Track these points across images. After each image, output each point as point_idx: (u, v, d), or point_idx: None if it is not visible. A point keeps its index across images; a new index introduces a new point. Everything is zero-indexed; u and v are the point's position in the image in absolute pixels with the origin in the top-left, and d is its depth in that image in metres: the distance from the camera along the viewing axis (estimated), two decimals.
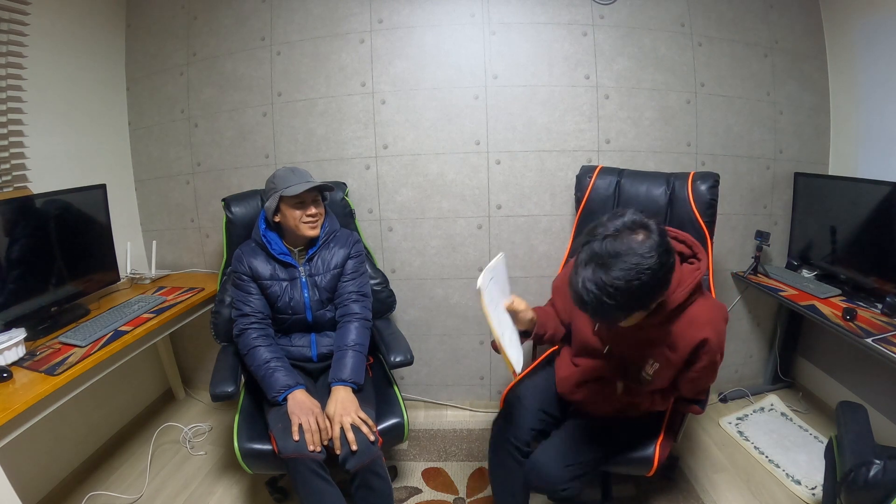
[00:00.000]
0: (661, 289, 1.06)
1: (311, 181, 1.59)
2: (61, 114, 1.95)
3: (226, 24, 2.15)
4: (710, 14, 2.06)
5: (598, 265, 1.01)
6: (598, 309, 1.03)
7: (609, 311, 1.03)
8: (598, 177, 1.89)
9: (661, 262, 1.01)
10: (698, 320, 1.16)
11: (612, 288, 0.99)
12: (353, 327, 1.63)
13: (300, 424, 1.37)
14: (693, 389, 1.31)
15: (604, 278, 0.99)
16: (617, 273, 0.99)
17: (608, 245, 1.01)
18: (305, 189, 1.55)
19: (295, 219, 1.58)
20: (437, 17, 2.05)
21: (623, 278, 0.98)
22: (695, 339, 1.16)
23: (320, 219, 1.64)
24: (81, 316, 1.75)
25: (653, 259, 0.99)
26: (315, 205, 1.61)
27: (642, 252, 0.99)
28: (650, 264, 0.99)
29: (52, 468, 1.80)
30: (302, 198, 1.57)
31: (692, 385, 1.29)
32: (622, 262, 0.99)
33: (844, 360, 2.07)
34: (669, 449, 1.40)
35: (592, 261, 1.02)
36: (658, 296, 1.08)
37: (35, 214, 1.63)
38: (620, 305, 1.01)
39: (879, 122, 1.95)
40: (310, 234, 1.61)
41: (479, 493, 1.76)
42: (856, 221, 1.87)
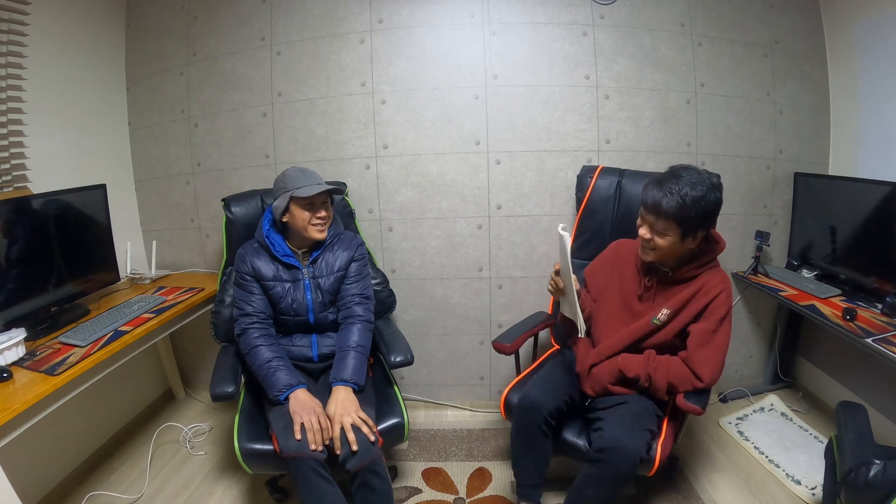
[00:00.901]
0: (709, 216, 1.34)
1: (321, 184, 1.58)
2: (61, 114, 1.95)
3: (226, 24, 2.16)
4: (710, 14, 2.06)
5: (672, 176, 1.33)
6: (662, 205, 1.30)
7: (671, 210, 1.29)
8: (599, 177, 1.89)
9: (715, 192, 1.32)
10: (714, 279, 1.42)
11: (682, 192, 1.29)
12: (356, 329, 1.63)
13: (302, 424, 1.37)
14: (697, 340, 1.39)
15: (677, 184, 1.30)
16: (686, 181, 1.30)
17: (679, 169, 1.35)
18: (318, 192, 1.54)
19: (304, 220, 1.57)
20: (437, 17, 2.05)
21: (689, 185, 1.30)
22: (713, 292, 1.40)
23: (328, 222, 1.63)
24: (81, 316, 1.75)
25: (712, 183, 1.32)
26: (325, 208, 1.61)
27: (703, 177, 1.32)
28: (710, 183, 1.31)
29: (52, 468, 1.80)
30: (312, 200, 1.57)
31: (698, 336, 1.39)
32: (689, 175, 1.32)
33: (844, 360, 2.07)
34: (670, 449, 1.40)
35: (667, 175, 1.35)
36: (704, 223, 1.34)
37: (35, 214, 1.63)
38: (683, 207, 1.29)
39: (879, 122, 1.95)
40: (317, 237, 1.60)
41: (479, 493, 1.76)
42: (856, 221, 1.87)
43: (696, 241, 1.37)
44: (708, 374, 1.37)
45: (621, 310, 1.54)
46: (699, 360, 1.38)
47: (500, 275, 2.21)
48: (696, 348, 1.39)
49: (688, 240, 1.35)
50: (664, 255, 1.42)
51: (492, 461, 1.91)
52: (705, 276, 1.43)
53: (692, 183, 1.30)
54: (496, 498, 1.74)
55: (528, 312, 1.93)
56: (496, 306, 2.24)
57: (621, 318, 1.53)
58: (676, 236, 1.34)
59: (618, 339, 1.50)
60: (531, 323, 1.81)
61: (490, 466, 1.89)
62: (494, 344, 1.65)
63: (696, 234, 1.35)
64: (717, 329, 1.39)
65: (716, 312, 1.39)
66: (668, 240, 1.35)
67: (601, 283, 1.62)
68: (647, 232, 1.39)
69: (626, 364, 1.46)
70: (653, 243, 1.38)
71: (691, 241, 1.36)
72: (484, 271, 2.21)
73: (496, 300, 2.24)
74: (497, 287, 2.22)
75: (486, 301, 2.24)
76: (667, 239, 1.35)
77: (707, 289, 1.41)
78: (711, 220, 1.37)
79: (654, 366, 1.43)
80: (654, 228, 1.36)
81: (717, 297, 1.39)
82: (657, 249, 1.38)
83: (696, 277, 1.43)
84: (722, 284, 1.41)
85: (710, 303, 1.40)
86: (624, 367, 1.46)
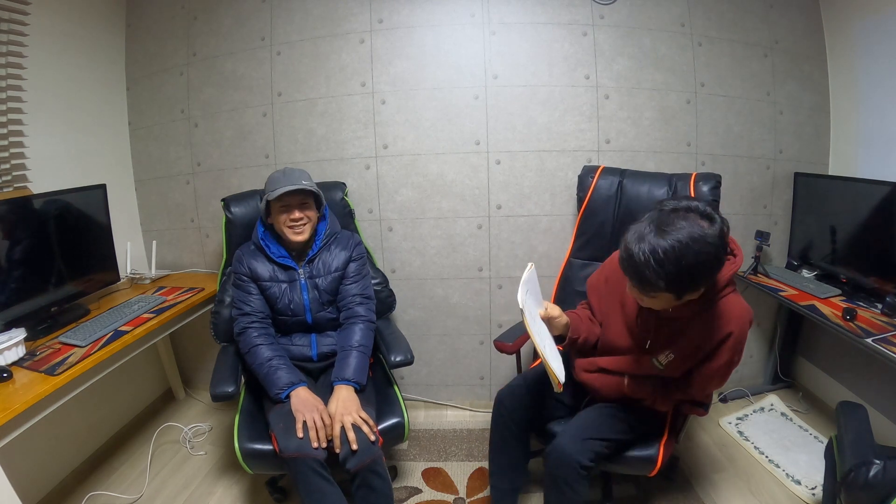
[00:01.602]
0: (703, 279, 1.09)
1: (294, 184, 1.53)
2: (61, 114, 1.95)
3: (226, 24, 2.15)
4: (710, 14, 2.06)
5: (658, 228, 1.05)
6: (639, 270, 1.05)
7: (649, 277, 1.05)
8: (601, 177, 1.89)
9: (715, 254, 1.06)
10: (727, 315, 1.20)
11: (663, 254, 1.02)
12: (358, 328, 1.63)
13: (304, 422, 1.37)
14: (704, 387, 1.32)
15: (660, 242, 1.03)
16: (672, 242, 1.02)
17: (673, 218, 1.06)
18: (282, 192, 1.51)
19: (279, 222, 1.57)
20: (437, 17, 2.05)
21: (676, 249, 1.02)
22: (721, 333, 1.20)
23: (308, 224, 1.60)
24: (81, 316, 1.75)
25: (708, 248, 1.04)
26: (301, 209, 1.58)
27: (701, 235, 1.04)
28: (704, 250, 1.03)
29: (52, 468, 1.80)
30: (286, 201, 1.55)
31: (705, 382, 1.29)
32: (679, 234, 1.03)
33: (844, 360, 2.07)
34: (671, 450, 1.40)
35: (654, 223, 1.07)
36: (697, 286, 1.10)
37: (35, 214, 1.63)
38: (662, 274, 1.03)
39: (879, 122, 1.95)
40: (293, 238, 1.58)
41: (479, 493, 1.76)
42: (856, 221, 1.87)
43: (697, 293, 1.13)
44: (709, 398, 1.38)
45: (625, 335, 1.38)
46: (705, 394, 1.36)
47: (500, 275, 2.21)
48: (701, 389, 1.32)
49: (685, 297, 1.12)
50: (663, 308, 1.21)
51: None
52: (717, 309, 1.21)
53: (682, 246, 1.02)
54: None
55: None
56: (496, 306, 2.24)
57: (624, 342, 1.38)
58: (671, 299, 1.12)
59: (620, 363, 1.38)
60: None
61: None
62: (496, 343, 1.65)
63: (696, 291, 1.12)
64: (725, 372, 1.26)
65: (722, 356, 1.22)
66: (660, 302, 1.15)
67: (604, 302, 1.45)
68: (637, 295, 1.16)
69: (633, 390, 1.38)
70: (643, 301, 1.18)
71: (691, 294, 1.12)
72: (484, 271, 2.21)
73: (496, 300, 2.24)
74: (497, 287, 2.22)
75: (486, 301, 2.24)
76: (658, 301, 1.15)
77: (716, 328, 1.20)
78: (713, 276, 1.12)
79: (662, 395, 1.36)
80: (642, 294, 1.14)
81: (725, 341, 1.20)
82: (653, 305, 1.19)
83: (705, 312, 1.21)
84: (733, 325, 1.19)
85: (719, 346, 1.21)
86: (631, 393, 1.38)
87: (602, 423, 1.37)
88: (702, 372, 1.28)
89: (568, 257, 1.94)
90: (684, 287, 1.08)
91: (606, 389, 1.43)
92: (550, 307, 1.31)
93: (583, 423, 1.38)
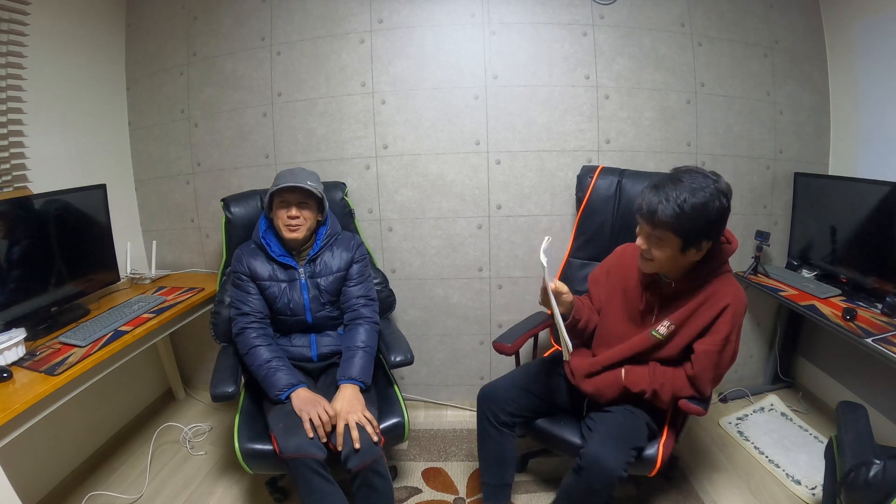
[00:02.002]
0: (710, 227, 1.20)
1: (296, 182, 1.56)
2: (61, 114, 1.95)
3: (226, 24, 2.15)
4: (710, 14, 2.06)
5: (671, 180, 1.21)
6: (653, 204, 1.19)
7: (667, 219, 1.17)
8: (600, 177, 1.89)
9: (721, 198, 1.18)
10: (724, 290, 1.30)
11: (679, 191, 1.17)
12: (363, 329, 1.64)
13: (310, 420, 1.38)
14: (704, 368, 1.31)
15: (676, 185, 1.18)
16: (686, 187, 1.18)
17: (683, 173, 1.22)
18: (283, 187, 1.54)
19: (278, 219, 1.59)
20: (437, 17, 2.05)
21: (689, 191, 1.17)
22: (719, 305, 1.28)
23: (304, 223, 1.61)
24: (81, 316, 1.75)
25: (718, 194, 1.18)
26: (299, 207, 1.59)
27: (713, 181, 1.19)
28: (714, 195, 1.17)
29: (52, 468, 1.80)
30: (285, 198, 1.57)
31: (705, 361, 1.30)
32: (693, 181, 1.18)
33: (844, 360, 2.07)
34: (671, 449, 1.40)
35: (666, 178, 1.22)
36: (703, 234, 1.21)
37: (35, 214, 1.63)
38: (681, 216, 1.16)
39: (879, 122, 1.95)
40: (288, 236, 1.60)
41: (479, 493, 1.76)
42: (856, 221, 1.87)
43: (699, 253, 1.25)
44: (710, 389, 1.36)
45: (625, 322, 1.45)
46: (704, 379, 1.33)
47: (500, 275, 2.21)
48: (700, 370, 1.31)
49: (689, 251, 1.23)
50: (664, 268, 1.31)
51: None
52: (713, 286, 1.30)
53: (693, 189, 1.17)
54: None
55: (529, 312, 1.93)
56: (496, 306, 2.24)
57: (624, 330, 1.44)
58: (676, 248, 1.22)
59: (617, 352, 1.42)
60: (531, 323, 1.81)
61: None
62: (495, 344, 1.65)
63: (699, 244, 1.23)
64: (723, 349, 1.29)
65: (721, 330, 1.28)
66: (665, 251, 1.24)
67: (604, 292, 1.53)
68: (643, 242, 1.28)
69: (631, 381, 1.39)
70: (650, 254, 1.27)
71: (694, 252, 1.24)
72: (484, 271, 2.21)
73: (496, 300, 2.24)
74: (497, 287, 2.22)
75: (486, 301, 2.24)
76: (664, 250, 1.24)
77: (712, 302, 1.29)
78: (716, 230, 1.24)
79: (660, 381, 1.36)
80: (650, 238, 1.25)
81: (722, 313, 1.28)
82: (655, 261, 1.28)
83: (703, 288, 1.31)
84: (729, 298, 1.28)
85: (715, 318, 1.29)
86: (629, 384, 1.39)
87: (628, 429, 1.35)
88: (701, 349, 1.30)
89: (567, 257, 1.94)
90: (692, 232, 1.19)
91: (607, 389, 1.43)
92: (559, 283, 1.36)
93: (611, 430, 1.35)
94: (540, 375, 1.58)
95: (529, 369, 1.62)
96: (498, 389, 1.53)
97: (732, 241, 1.34)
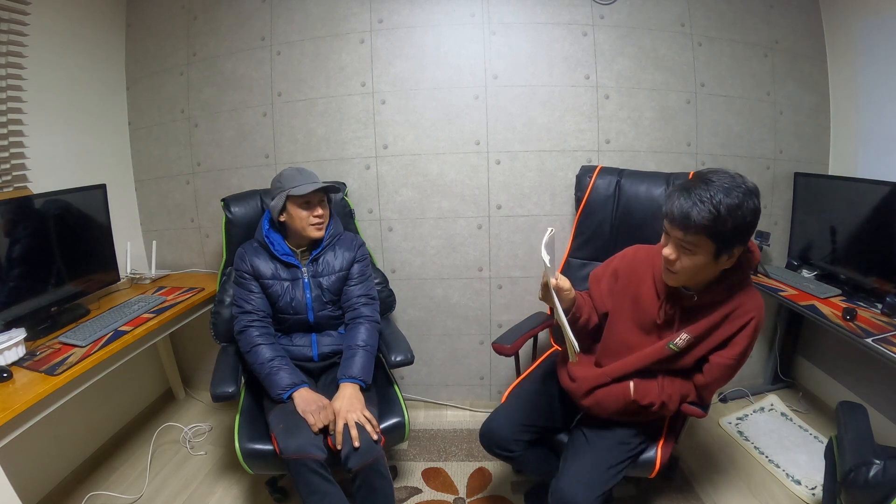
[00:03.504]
0: (748, 227, 1.12)
1: (318, 182, 1.60)
2: (61, 113, 1.95)
3: (226, 24, 2.15)
4: (710, 14, 2.06)
5: (701, 181, 1.12)
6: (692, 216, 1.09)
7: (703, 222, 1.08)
8: (598, 177, 1.89)
9: (753, 198, 1.11)
10: (749, 304, 1.23)
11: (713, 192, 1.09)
12: (364, 328, 1.64)
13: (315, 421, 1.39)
14: (715, 376, 1.28)
15: (709, 191, 1.10)
16: (718, 187, 1.09)
17: (709, 174, 1.14)
18: (313, 189, 1.55)
19: (301, 219, 1.59)
20: (437, 17, 2.05)
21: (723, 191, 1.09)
22: (743, 319, 1.22)
23: (325, 220, 1.64)
24: (81, 316, 1.75)
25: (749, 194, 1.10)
26: (321, 206, 1.62)
27: (738, 182, 1.11)
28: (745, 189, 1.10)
29: (52, 468, 1.80)
30: (308, 198, 1.58)
31: (717, 372, 1.27)
32: (721, 179, 1.11)
33: (844, 360, 2.07)
34: (671, 450, 1.40)
35: (695, 180, 1.14)
36: (741, 237, 1.13)
37: (35, 214, 1.63)
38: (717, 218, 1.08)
39: (879, 122, 1.95)
40: (315, 235, 1.62)
41: (479, 493, 1.76)
42: (856, 221, 1.87)
43: (731, 260, 1.16)
44: (711, 398, 1.36)
45: (635, 332, 1.36)
46: (712, 390, 1.32)
47: (500, 275, 2.21)
48: (713, 380, 1.28)
49: (722, 258, 1.14)
50: (691, 279, 1.21)
51: (492, 461, 1.91)
52: (738, 299, 1.23)
53: (726, 189, 1.08)
54: (496, 498, 1.74)
55: (528, 312, 1.93)
56: (496, 306, 2.24)
57: (635, 340, 1.35)
58: (708, 255, 1.13)
59: (629, 363, 1.34)
60: (531, 324, 1.81)
61: (490, 466, 1.89)
62: (494, 345, 1.65)
63: (732, 250, 1.13)
64: (738, 363, 1.26)
65: (740, 343, 1.23)
66: (697, 259, 1.14)
67: (610, 296, 1.43)
68: (672, 251, 1.17)
69: (640, 394, 1.33)
70: (678, 265, 1.17)
71: (725, 259, 1.15)
72: (484, 271, 2.21)
73: (496, 300, 2.24)
74: (497, 287, 2.22)
75: (486, 301, 2.24)
76: (696, 258, 1.14)
77: (736, 315, 1.23)
78: (749, 233, 1.15)
79: (668, 393, 1.32)
80: (681, 246, 1.15)
81: (745, 327, 1.22)
82: (683, 272, 1.18)
83: (727, 301, 1.23)
84: (754, 312, 1.22)
85: (737, 332, 1.23)
86: (638, 397, 1.33)
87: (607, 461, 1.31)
88: (717, 361, 1.27)
89: (566, 257, 1.94)
90: (727, 235, 1.10)
91: (610, 401, 1.37)
92: (561, 278, 1.29)
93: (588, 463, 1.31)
94: (538, 404, 1.51)
95: (526, 398, 1.53)
96: (498, 428, 1.44)
97: (755, 250, 1.25)
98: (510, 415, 1.46)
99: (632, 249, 1.45)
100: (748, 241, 1.18)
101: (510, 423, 1.44)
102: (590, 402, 1.40)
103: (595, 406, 1.39)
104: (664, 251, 1.19)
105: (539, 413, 1.48)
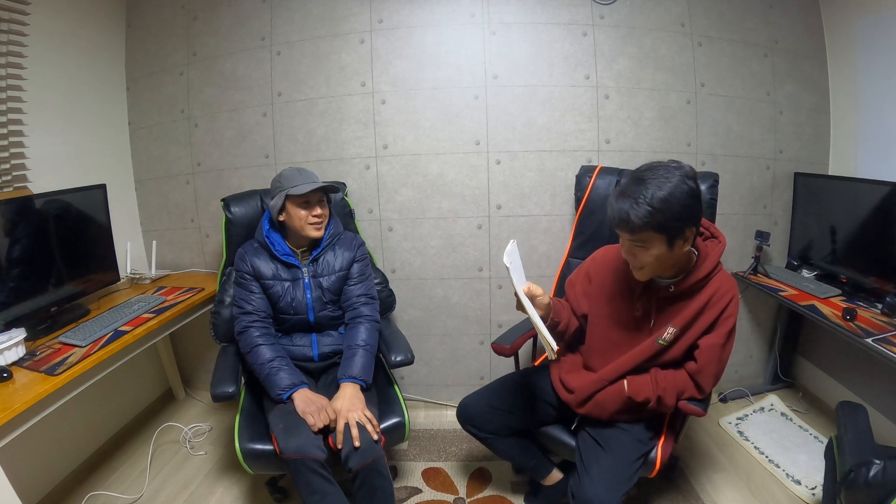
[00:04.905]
0: (686, 214, 1.16)
1: (317, 182, 1.60)
2: (61, 113, 1.95)
3: (226, 24, 2.15)
4: (710, 14, 2.06)
5: (634, 182, 1.17)
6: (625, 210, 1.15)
7: (642, 221, 1.13)
8: (598, 177, 1.89)
9: (686, 181, 1.15)
10: (723, 287, 1.30)
11: (645, 191, 1.14)
12: (364, 328, 1.64)
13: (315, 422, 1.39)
14: (707, 356, 1.30)
15: (640, 185, 1.15)
16: (650, 181, 1.15)
17: (644, 171, 1.19)
18: (312, 189, 1.56)
19: (300, 219, 1.59)
20: (437, 17, 2.05)
21: (654, 183, 1.14)
22: (724, 301, 1.29)
23: (325, 220, 1.64)
24: (81, 316, 1.75)
25: (683, 181, 1.15)
26: (321, 206, 1.62)
27: (675, 169, 1.16)
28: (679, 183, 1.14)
29: (52, 468, 1.80)
30: (308, 198, 1.58)
31: (708, 352, 1.30)
32: (654, 176, 1.15)
33: (844, 360, 2.07)
34: (671, 450, 1.40)
35: (628, 182, 1.19)
36: (682, 222, 1.17)
37: (35, 214, 1.63)
38: (646, 206, 1.13)
39: (879, 122, 1.95)
40: (314, 234, 1.62)
41: (479, 493, 1.76)
42: (856, 221, 1.87)
43: (688, 242, 1.21)
44: (710, 386, 1.35)
45: (616, 329, 1.40)
46: (707, 374, 1.32)
47: (500, 275, 2.21)
48: (705, 363, 1.30)
49: (677, 243, 1.19)
50: (657, 270, 1.27)
51: (492, 461, 1.91)
52: (713, 284, 1.30)
53: (657, 184, 1.14)
54: (496, 498, 1.74)
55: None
56: (496, 306, 2.24)
57: (618, 338, 1.40)
58: (662, 245, 1.18)
59: (621, 364, 1.38)
60: (530, 324, 1.80)
61: (490, 466, 1.89)
62: (494, 346, 1.65)
63: (683, 233, 1.18)
64: (726, 342, 1.30)
65: (726, 323, 1.29)
66: (653, 252, 1.19)
67: (585, 298, 1.47)
68: (628, 252, 1.24)
69: (635, 391, 1.36)
70: (638, 262, 1.24)
71: (681, 243, 1.20)
72: (484, 271, 2.21)
73: (496, 300, 2.24)
74: (497, 287, 2.22)
75: (486, 301, 2.24)
76: (652, 251, 1.19)
77: (717, 298, 1.29)
78: (695, 214, 1.19)
79: (663, 386, 1.34)
80: (634, 245, 1.21)
81: (728, 307, 1.29)
82: (647, 266, 1.23)
83: (703, 288, 1.30)
84: (732, 291, 1.30)
85: (721, 313, 1.29)
86: (633, 394, 1.35)
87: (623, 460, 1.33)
88: (706, 343, 1.30)
89: (566, 257, 1.94)
90: (671, 223, 1.15)
91: (608, 402, 1.39)
92: (532, 286, 1.30)
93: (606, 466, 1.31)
94: (519, 395, 1.54)
95: (509, 386, 1.57)
96: (473, 406, 1.53)
97: (719, 236, 1.35)
98: (484, 395, 1.56)
99: (601, 250, 1.51)
100: (697, 221, 1.23)
101: (482, 403, 1.53)
102: (589, 408, 1.42)
103: (595, 409, 1.41)
104: (623, 254, 1.28)
105: (515, 400, 1.53)
